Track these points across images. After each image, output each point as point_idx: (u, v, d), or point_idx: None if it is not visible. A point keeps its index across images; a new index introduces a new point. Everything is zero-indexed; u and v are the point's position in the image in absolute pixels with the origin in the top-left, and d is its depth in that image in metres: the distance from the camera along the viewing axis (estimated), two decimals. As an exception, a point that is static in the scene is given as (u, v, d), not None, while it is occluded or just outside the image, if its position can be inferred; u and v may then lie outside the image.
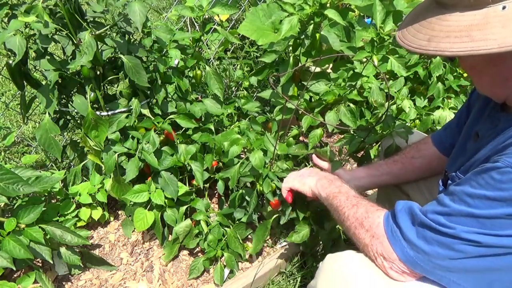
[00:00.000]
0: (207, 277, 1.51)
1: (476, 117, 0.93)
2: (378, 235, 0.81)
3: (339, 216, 0.94)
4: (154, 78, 1.45)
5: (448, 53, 0.64)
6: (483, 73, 0.74)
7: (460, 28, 0.64)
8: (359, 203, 0.91)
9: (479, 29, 0.62)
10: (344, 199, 0.95)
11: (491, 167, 0.67)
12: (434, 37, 0.67)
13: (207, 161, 1.51)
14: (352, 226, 0.88)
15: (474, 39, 0.62)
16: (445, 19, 0.66)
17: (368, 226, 0.84)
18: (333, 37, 1.31)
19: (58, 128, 1.35)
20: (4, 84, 2.67)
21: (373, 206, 0.89)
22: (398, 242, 0.77)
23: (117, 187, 1.44)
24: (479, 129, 0.88)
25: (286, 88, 1.43)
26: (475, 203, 0.69)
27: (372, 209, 0.87)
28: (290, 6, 1.20)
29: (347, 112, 1.31)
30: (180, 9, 1.39)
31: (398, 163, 1.20)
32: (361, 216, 0.87)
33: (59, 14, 1.27)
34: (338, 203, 0.96)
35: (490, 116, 0.86)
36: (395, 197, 1.28)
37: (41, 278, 1.29)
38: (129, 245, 1.62)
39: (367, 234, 0.84)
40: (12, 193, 1.14)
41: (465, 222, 0.70)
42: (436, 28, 0.67)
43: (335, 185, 1.04)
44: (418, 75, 1.96)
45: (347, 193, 0.98)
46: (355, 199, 0.94)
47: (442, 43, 0.65)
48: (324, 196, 1.03)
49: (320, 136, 1.37)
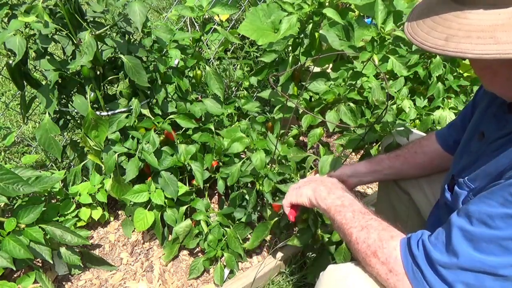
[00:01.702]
0: (207, 277, 1.51)
1: (481, 115, 0.90)
2: (397, 273, 0.73)
3: (344, 236, 0.86)
4: (154, 78, 1.45)
5: (470, 55, 0.59)
6: (497, 73, 0.69)
7: (482, 28, 0.58)
8: (368, 225, 0.82)
9: (504, 30, 0.57)
10: (350, 216, 0.86)
11: (508, 184, 0.63)
12: (452, 36, 0.61)
13: (207, 161, 1.51)
14: (363, 253, 0.80)
15: (500, 41, 0.57)
16: (464, 17, 0.60)
17: (384, 259, 0.76)
18: (332, 36, 1.31)
19: (58, 128, 1.35)
20: (4, 84, 2.67)
21: (385, 229, 0.80)
22: (421, 285, 0.70)
23: (117, 187, 1.44)
24: (484, 128, 0.85)
25: (285, 88, 1.43)
26: (496, 224, 0.63)
27: (385, 236, 0.78)
28: (289, 5, 1.20)
29: (347, 111, 1.31)
30: (180, 9, 1.39)
31: (400, 158, 1.17)
32: (374, 244, 0.78)
33: (59, 14, 1.27)
34: (343, 220, 0.87)
35: (497, 116, 0.82)
36: (395, 196, 1.29)
37: (41, 278, 1.29)
38: (129, 245, 1.62)
39: (383, 267, 0.76)
40: (12, 193, 1.14)
41: (488, 249, 0.64)
42: (454, 26, 0.61)
43: (335, 195, 0.95)
44: (418, 75, 1.96)
45: (351, 206, 0.89)
46: (363, 218, 0.85)
47: (463, 43, 0.59)
48: (325, 208, 0.95)
49: (320, 135, 1.37)
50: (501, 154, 0.73)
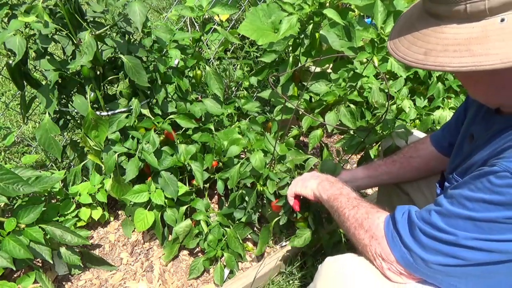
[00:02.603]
0: (207, 277, 1.51)
1: (472, 118, 0.93)
2: (378, 236, 0.81)
3: (339, 217, 0.94)
4: (154, 78, 1.45)
5: (449, 69, 0.62)
6: (478, 82, 0.72)
7: (458, 42, 0.61)
8: (359, 204, 0.91)
9: (479, 43, 0.59)
10: (345, 200, 0.95)
11: (489, 171, 0.67)
12: (430, 51, 0.64)
13: (207, 161, 1.51)
14: (352, 227, 0.88)
15: (475, 53, 0.59)
16: (440, 31, 0.63)
17: (367, 227, 0.84)
18: (332, 37, 1.31)
19: (58, 128, 1.35)
20: (4, 84, 2.67)
21: (374, 207, 0.89)
22: (398, 248, 0.77)
23: (117, 187, 1.44)
24: (474, 130, 0.88)
25: (285, 88, 1.43)
26: (473, 206, 0.68)
27: (372, 211, 0.87)
28: (290, 6, 1.20)
29: (347, 113, 1.31)
30: (180, 9, 1.39)
31: (396, 163, 1.20)
32: (361, 217, 0.87)
33: (59, 14, 1.27)
34: (338, 205, 0.96)
35: (485, 118, 0.85)
36: (396, 197, 1.29)
37: (41, 278, 1.29)
38: (129, 245, 1.62)
39: (366, 234, 0.84)
40: (12, 193, 1.14)
41: (463, 227, 0.69)
42: (432, 41, 0.64)
43: (336, 187, 1.03)
44: (418, 75, 1.96)
45: (348, 194, 0.98)
46: (356, 200, 0.94)
47: (441, 57, 0.62)
48: (325, 198, 1.03)
49: (320, 136, 1.37)
50: (486, 146, 0.77)
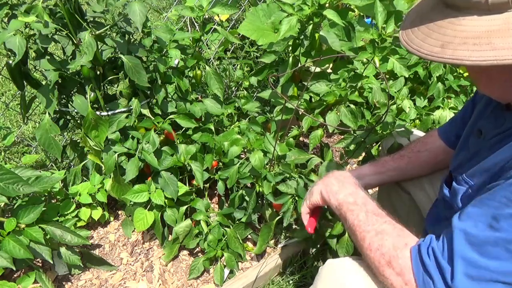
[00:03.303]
0: (207, 277, 1.51)
1: (480, 112, 0.90)
2: (407, 281, 0.71)
3: (356, 239, 0.83)
4: (154, 78, 1.45)
5: (468, 63, 0.58)
6: (493, 77, 0.68)
7: (477, 34, 0.58)
8: (383, 230, 0.78)
9: (500, 36, 0.56)
10: (363, 217, 0.82)
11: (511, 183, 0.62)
12: (448, 44, 0.60)
13: (207, 161, 1.51)
14: (376, 261, 0.77)
15: (496, 47, 0.56)
16: (458, 23, 0.60)
17: (399, 270, 0.73)
18: (332, 37, 1.31)
19: (58, 128, 1.35)
20: (4, 84, 2.67)
21: (400, 236, 0.77)
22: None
23: (117, 187, 1.44)
24: (482, 125, 0.85)
25: (285, 88, 1.43)
26: (501, 225, 0.61)
27: (400, 244, 0.75)
28: (289, 7, 1.20)
29: (348, 113, 1.31)
30: (180, 9, 1.39)
31: (404, 158, 1.16)
32: (388, 253, 0.75)
33: (59, 14, 1.27)
34: (355, 221, 0.83)
35: (494, 113, 0.82)
36: (396, 195, 1.29)
37: (41, 278, 1.29)
38: (129, 245, 1.62)
39: (397, 278, 0.73)
40: (12, 193, 1.14)
41: (495, 254, 0.62)
42: (449, 33, 0.61)
43: (348, 190, 0.91)
44: (418, 75, 1.96)
45: (365, 206, 0.85)
46: (377, 220, 0.81)
47: (459, 50, 0.59)
48: (336, 204, 0.91)
49: (320, 136, 1.37)
50: (498, 149, 0.73)
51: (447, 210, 0.90)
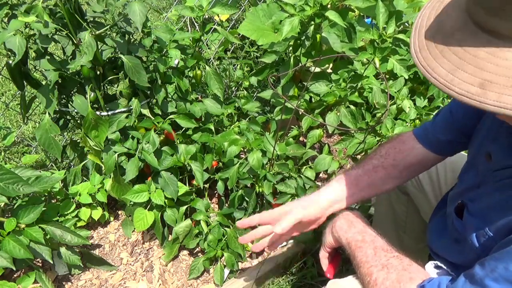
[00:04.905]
0: (207, 277, 1.51)
1: (490, 130, 0.79)
2: None
3: (363, 275, 0.80)
4: (154, 78, 1.45)
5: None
6: None
7: None
8: (389, 264, 0.76)
9: None
10: (371, 253, 0.80)
11: None
12: (490, 84, 0.46)
13: (207, 161, 1.51)
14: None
15: None
16: (503, 56, 0.46)
17: None
18: (333, 38, 1.31)
19: (58, 128, 1.35)
20: (4, 84, 2.66)
21: (406, 270, 0.74)
22: None
23: (117, 187, 1.44)
24: (492, 150, 0.75)
25: (286, 89, 1.43)
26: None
27: (405, 278, 0.73)
28: (291, 7, 1.20)
29: (348, 114, 1.31)
30: (180, 9, 1.39)
31: (379, 170, 0.98)
32: (391, 286, 0.73)
33: (59, 14, 1.27)
34: (363, 258, 0.81)
35: (509, 141, 0.71)
36: (394, 196, 1.28)
37: (41, 278, 1.29)
38: (129, 245, 1.62)
39: None
40: (12, 193, 1.14)
41: None
42: (489, 69, 0.46)
43: (357, 229, 0.88)
44: (418, 75, 1.96)
45: (373, 243, 0.83)
46: (385, 255, 0.79)
47: (506, 95, 0.45)
48: (345, 243, 0.89)
49: (319, 136, 1.38)
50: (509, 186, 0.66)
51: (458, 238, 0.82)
